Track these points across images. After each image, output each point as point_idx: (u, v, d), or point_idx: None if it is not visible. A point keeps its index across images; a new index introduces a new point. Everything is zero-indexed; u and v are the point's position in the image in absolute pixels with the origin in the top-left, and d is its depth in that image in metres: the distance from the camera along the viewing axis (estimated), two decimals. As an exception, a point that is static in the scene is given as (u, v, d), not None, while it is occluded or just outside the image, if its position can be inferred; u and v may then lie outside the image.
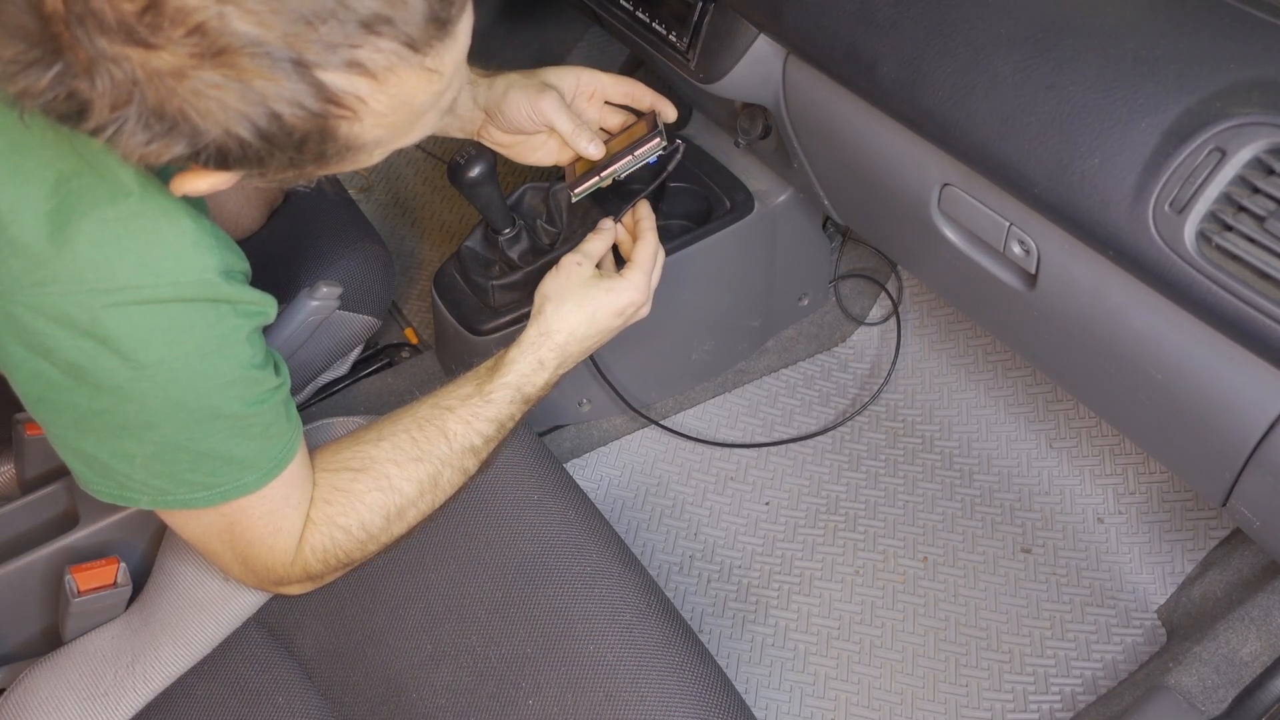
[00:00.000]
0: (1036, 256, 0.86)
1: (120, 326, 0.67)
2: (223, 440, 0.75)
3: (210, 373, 0.72)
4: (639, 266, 0.98)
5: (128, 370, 0.69)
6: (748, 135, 1.19)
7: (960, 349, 1.50)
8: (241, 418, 0.75)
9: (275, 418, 0.79)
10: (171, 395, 0.71)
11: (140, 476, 0.75)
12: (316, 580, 0.90)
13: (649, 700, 0.86)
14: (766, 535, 1.35)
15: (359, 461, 0.88)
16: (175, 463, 0.75)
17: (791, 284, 1.49)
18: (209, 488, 0.77)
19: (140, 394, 0.70)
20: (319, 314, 1.13)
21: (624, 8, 1.16)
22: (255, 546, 0.83)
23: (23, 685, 0.91)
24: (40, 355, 0.68)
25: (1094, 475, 1.34)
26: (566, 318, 0.95)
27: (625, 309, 0.96)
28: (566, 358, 0.95)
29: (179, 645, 0.92)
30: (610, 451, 1.43)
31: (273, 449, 0.79)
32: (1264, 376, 0.74)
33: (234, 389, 0.74)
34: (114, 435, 0.73)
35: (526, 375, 0.94)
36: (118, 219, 0.67)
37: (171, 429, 0.73)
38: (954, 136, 0.84)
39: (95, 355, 0.68)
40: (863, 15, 0.89)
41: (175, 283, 0.68)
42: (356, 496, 0.87)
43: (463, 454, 0.91)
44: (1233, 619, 1.08)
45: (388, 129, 0.62)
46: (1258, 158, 0.69)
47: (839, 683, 1.21)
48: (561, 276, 0.96)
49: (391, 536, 0.90)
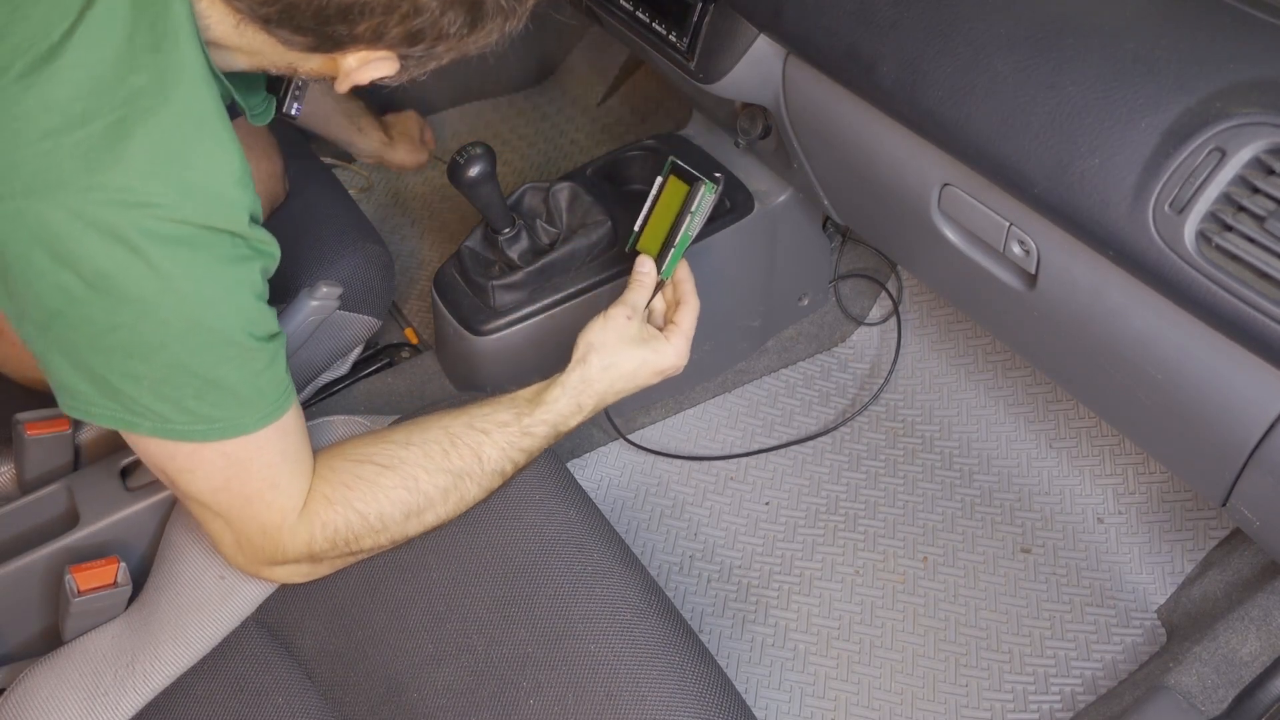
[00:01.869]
0: (1036, 256, 0.86)
1: (153, 239, 0.71)
2: (229, 369, 0.78)
3: (228, 298, 0.76)
4: (683, 332, 1.01)
5: (154, 281, 0.72)
6: (748, 135, 1.19)
7: (960, 349, 1.50)
8: (249, 349, 0.78)
9: (275, 360, 0.82)
10: (190, 312, 0.74)
11: (145, 400, 0.77)
12: (316, 562, 0.90)
13: (649, 700, 0.86)
14: (766, 535, 1.35)
15: (386, 459, 0.90)
16: (182, 387, 0.77)
17: (791, 284, 1.49)
18: (209, 421, 0.79)
19: (162, 307, 0.73)
20: (319, 314, 1.13)
21: (624, 8, 1.16)
22: (253, 502, 0.83)
23: (23, 685, 0.91)
24: (67, 265, 0.71)
25: (1094, 475, 1.34)
26: (609, 370, 0.97)
27: (666, 370, 1.00)
28: (601, 405, 0.99)
29: (179, 645, 0.92)
30: (610, 451, 1.43)
31: (271, 394, 0.82)
32: (1264, 376, 0.74)
33: (246, 315, 0.78)
34: (126, 354, 0.75)
35: (564, 416, 0.96)
36: (177, 142, 0.71)
37: (184, 349, 0.75)
38: (954, 136, 0.84)
39: (126, 264, 0.71)
40: (863, 15, 0.89)
41: (210, 214, 0.73)
42: (381, 489, 0.89)
43: (491, 476, 0.93)
44: (1232, 619, 1.08)
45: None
46: (1258, 158, 0.69)
47: (839, 683, 1.22)
48: (611, 329, 0.98)
49: (404, 533, 0.91)
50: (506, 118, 1.92)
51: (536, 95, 1.96)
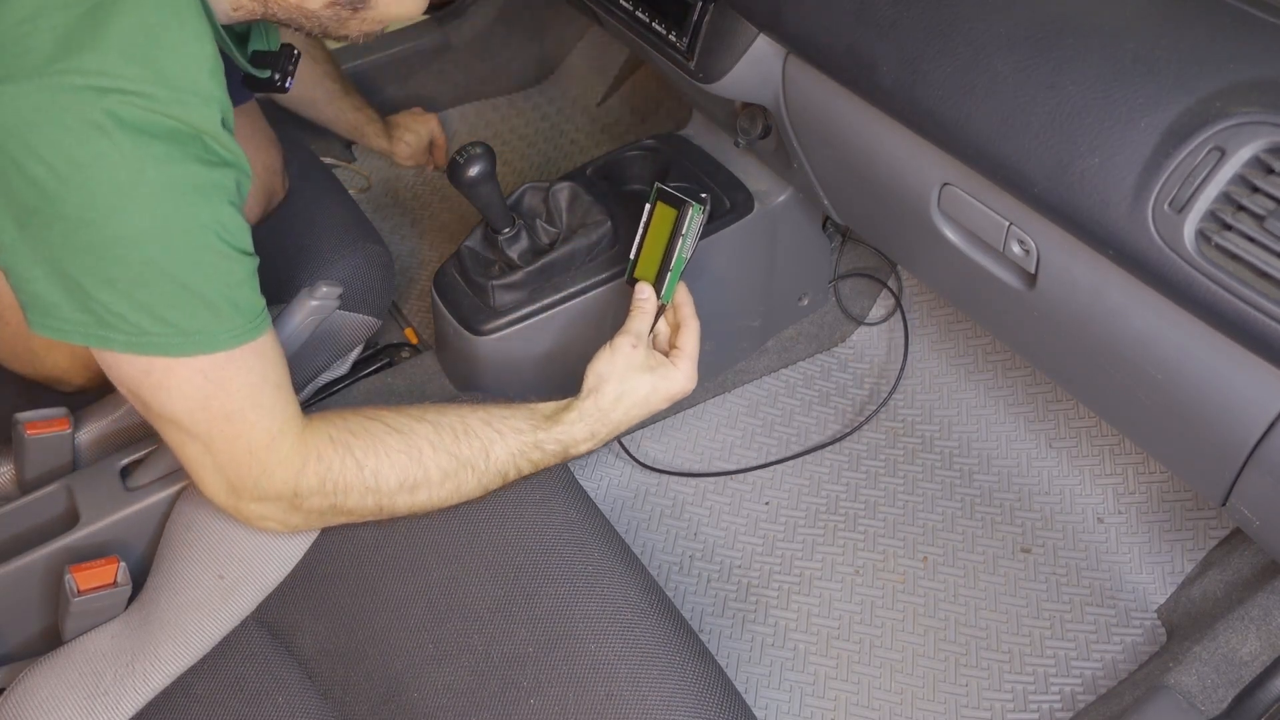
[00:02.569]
0: (1036, 256, 0.86)
1: (127, 128, 0.71)
2: (204, 275, 0.77)
3: (203, 195, 0.76)
4: (688, 355, 1.03)
5: (128, 171, 0.72)
6: (748, 135, 1.19)
7: (960, 349, 1.50)
8: (224, 255, 0.78)
9: (249, 278, 0.81)
10: (165, 206, 0.74)
11: (120, 308, 0.76)
12: (297, 503, 0.88)
13: (649, 699, 0.86)
14: (766, 535, 1.35)
15: (398, 424, 0.90)
16: (157, 291, 0.76)
17: (791, 284, 1.49)
18: (185, 333, 0.78)
19: (137, 199, 0.73)
20: (319, 314, 1.13)
21: (624, 8, 1.16)
22: (235, 421, 0.82)
23: (23, 685, 0.91)
24: (40, 156, 0.70)
25: (1094, 475, 1.34)
26: (623, 399, 0.99)
27: (677, 395, 1.02)
28: (615, 433, 1.00)
29: (179, 644, 0.92)
30: (610, 452, 1.43)
31: (246, 310, 0.81)
32: (1263, 376, 0.74)
33: (221, 219, 0.77)
34: (100, 254, 0.74)
35: (577, 440, 0.98)
36: (154, 26, 0.72)
37: (158, 246, 0.75)
38: (954, 136, 0.84)
39: (101, 152, 0.71)
40: (863, 15, 0.89)
41: (185, 105, 0.73)
42: (385, 447, 0.89)
43: (494, 475, 0.94)
44: (1232, 619, 1.08)
45: None
46: (1257, 157, 0.69)
47: (839, 683, 1.22)
48: (619, 359, 1.00)
49: (393, 505, 0.91)
50: (506, 118, 1.92)
51: (536, 95, 1.97)
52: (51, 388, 1.14)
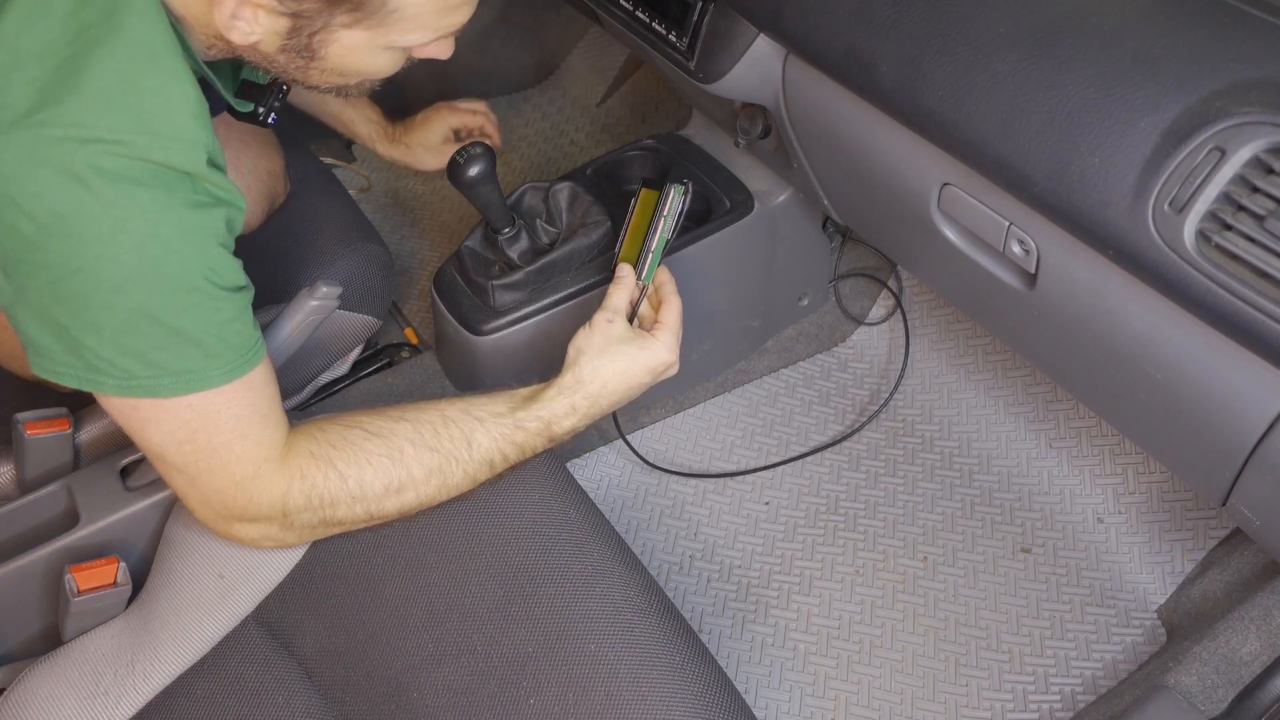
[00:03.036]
0: (1036, 256, 0.86)
1: (108, 176, 0.70)
2: (193, 318, 0.77)
3: (188, 239, 0.75)
4: (668, 328, 1.01)
5: (109, 221, 0.71)
6: (748, 135, 1.19)
7: (960, 349, 1.50)
8: (212, 298, 0.77)
9: (241, 313, 0.80)
10: (149, 254, 0.73)
11: (108, 354, 0.76)
12: (288, 521, 0.88)
13: (649, 700, 0.86)
14: (766, 535, 1.35)
15: (376, 428, 0.90)
16: (145, 336, 0.76)
17: (791, 284, 1.49)
18: (174, 374, 0.78)
19: (118, 248, 0.72)
20: (319, 314, 1.13)
21: (624, 8, 1.16)
22: (221, 453, 0.82)
23: (23, 685, 0.91)
24: (21, 208, 0.70)
25: (1094, 475, 1.34)
26: (601, 370, 0.98)
27: (657, 368, 1.00)
28: (596, 408, 0.99)
29: (178, 644, 0.92)
30: (610, 451, 1.43)
31: (239, 345, 0.80)
32: (1263, 376, 0.74)
33: (208, 262, 0.76)
34: (86, 302, 0.74)
35: (558, 416, 0.97)
36: (130, 73, 0.71)
37: (144, 294, 0.74)
38: (954, 136, 0.84)
39: (80, 202, 0.70)
40: (863, 15, 0.89)
41: (167, 149, 0.72)
42: (365, 454, 0.88)
43: (479, 464, 0.93)
44: (1233, 619, 1.08)
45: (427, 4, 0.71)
46: (1257, 157, 0.69)
47: (839, 683, 1.21)
48: (595, 333, 0.99)
49: (381, 510, 0.91)
50: (506, 118, 1.92)
51: (536, 95, 1.97)
52: (51, 388, 1.14)
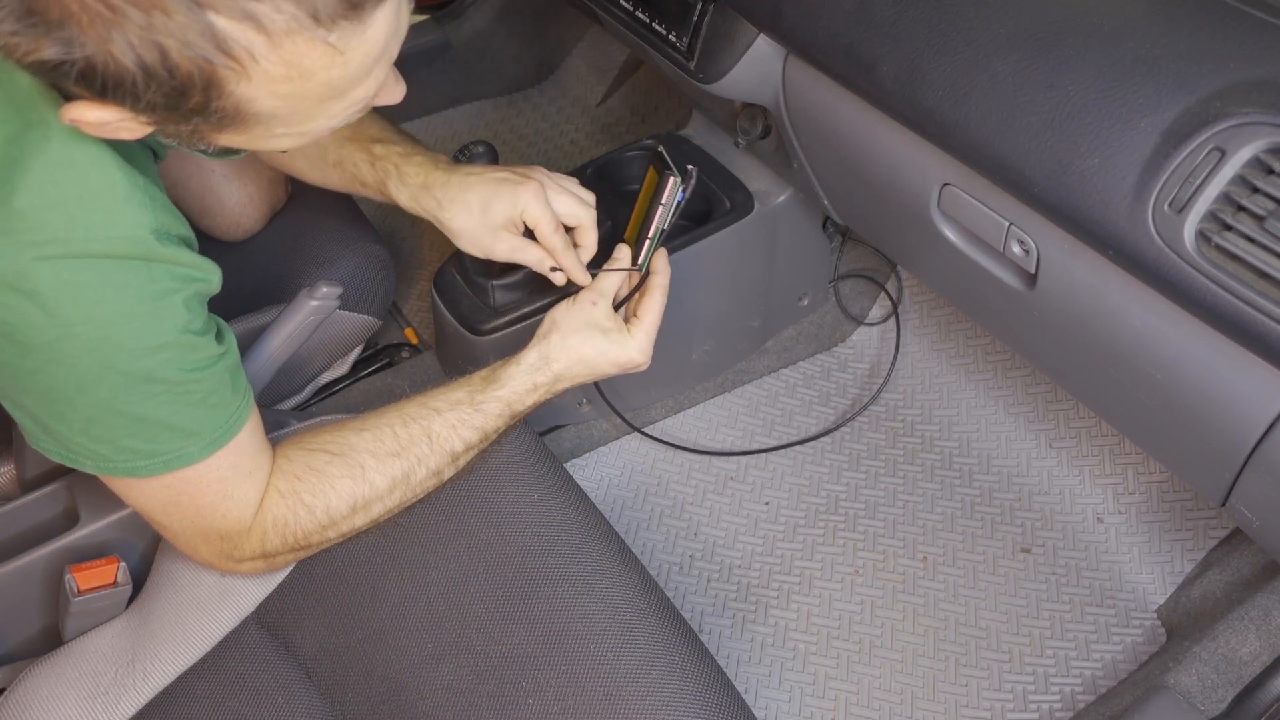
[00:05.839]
0: (1036, 256, 0.86)
1: (47, 281, 0.66)
2: (160, 406, 0.74)
3: (142, 334, 0.71)
4: (645, 329, 0.98)
5: (54, 328, 0.68)
6: (748, 135, 1.19)
7: (960, 349, 1.50)
8: (178, 383, 0.74)
9: (218, 386, 0.78)
10: (101, 355, 0.70)
11: (79, 441, 0.75)
12: (270, 560, 0.89)
13: (649, 700, 0.86)
14: (766, 535, 1.35)
15: (337, 446, 0.89)
16: (112, 428, 0.74)
17: (791, 284, 1.49)
18: (151, 456, 0.76)
19: (68, 354, 0.69)
20: (319, 314, 1.13)
21: (624, 8, 1.16)
22: (205, 514, 0.82)
23: (23, 685, 0.91)
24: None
25: (1094, 475, 1.34)
26: (569, 352, 0.96)
27: (626, 365, 0.98)
28: (558, 386, 0.97)
29: (179, 644, 0.92)
30: (610, 451, 1.43)
31: (218, 418, 0.78)
32: (1263, 376, 0.74)
33: (168, 352, 0.73)
34: (48, 397, 0.72)
35: (519, 394, 0.95)
36: (58, 164, 0.66)
37: (104, 392, 0.72)
38: (954, 136, 0.84)
39: (22, 311, 0.67)
40: (863, 15, 0.89)
41: (106, 238, 0.68)
42: (328, 480, 0.88)
43: (441, 456, 0.92)
44: (1232, 619, 1.08)
45: (284, 101, 0.60)
46: (1257, 157, 0.69)
47: (839, 683, 1.21)
48: (576, 311, 0.98)
49: (352, 527, 0.91)
50: (506, 118, 1.92)
51: (536, 95, 1.97)
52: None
